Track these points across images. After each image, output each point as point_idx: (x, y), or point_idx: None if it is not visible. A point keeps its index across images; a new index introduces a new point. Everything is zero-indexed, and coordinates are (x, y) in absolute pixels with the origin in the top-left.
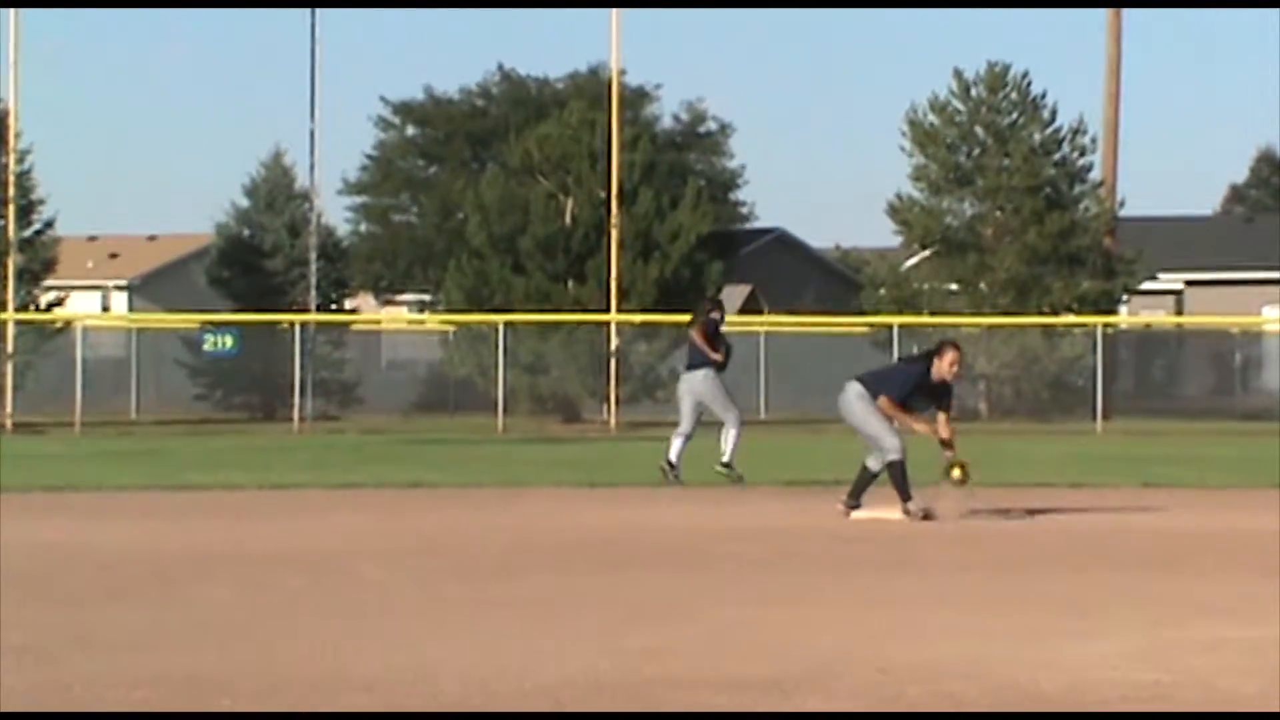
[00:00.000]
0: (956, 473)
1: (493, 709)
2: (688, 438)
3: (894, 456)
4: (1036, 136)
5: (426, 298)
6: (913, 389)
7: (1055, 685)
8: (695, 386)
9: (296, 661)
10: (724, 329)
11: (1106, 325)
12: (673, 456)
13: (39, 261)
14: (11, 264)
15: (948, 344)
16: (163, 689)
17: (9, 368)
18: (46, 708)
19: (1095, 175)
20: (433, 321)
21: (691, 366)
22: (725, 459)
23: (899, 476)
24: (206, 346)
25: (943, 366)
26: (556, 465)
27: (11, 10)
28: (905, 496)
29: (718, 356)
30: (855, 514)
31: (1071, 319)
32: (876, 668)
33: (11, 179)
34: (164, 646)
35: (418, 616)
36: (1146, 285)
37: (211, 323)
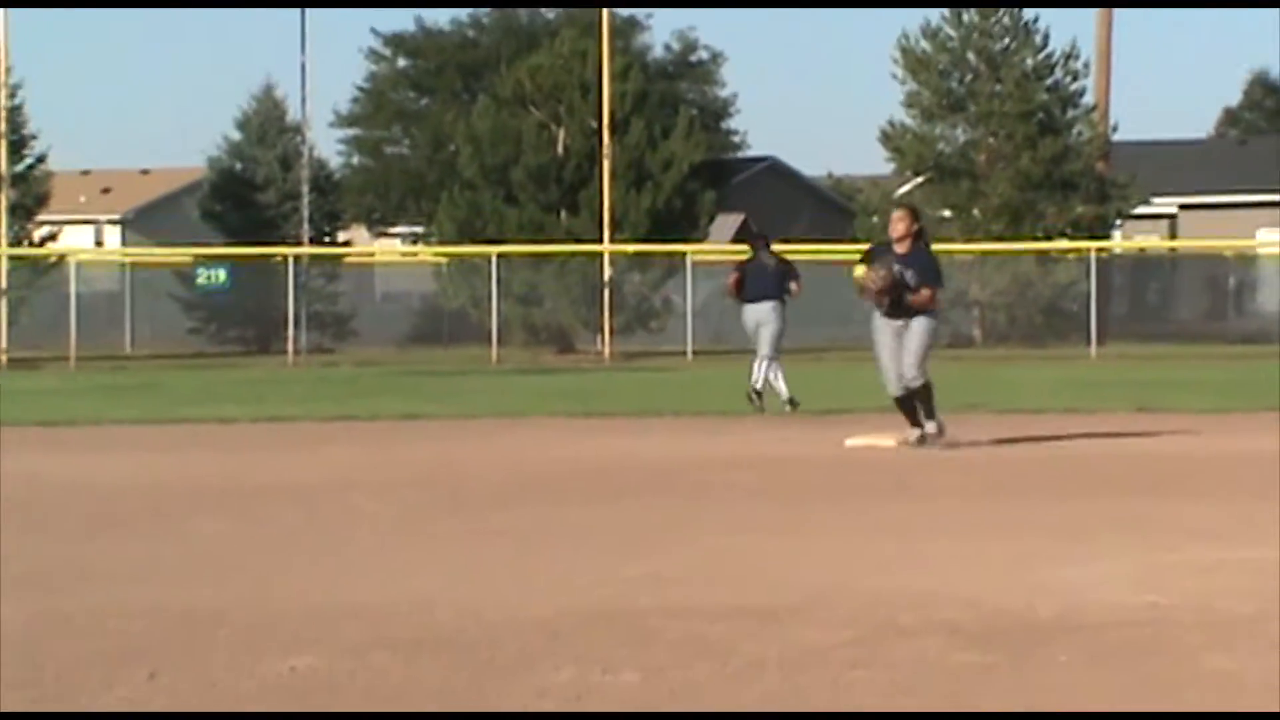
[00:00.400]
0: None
1: (487, 638)
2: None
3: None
4: (1029, 62)
5: (419, 230)
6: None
7: (1050, 610)
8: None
9: (292, 593)
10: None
11: (1100, 250)
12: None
13: (32, 196)
14: (4, 199)
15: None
16: (160, 619)
17: (3, 303)
18: (46, 637)
19: (1088, 100)
20: (426, 254)
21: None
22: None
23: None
24: (200, 281)
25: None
26: (551, 396)
27: None
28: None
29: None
30: (851, 441)
31: (1065, 244)
32: (869, 595)
33: (3, 114)
34: (161, 578)
35: (412, 547)
36: (1140, 210)
37: (205, 257)
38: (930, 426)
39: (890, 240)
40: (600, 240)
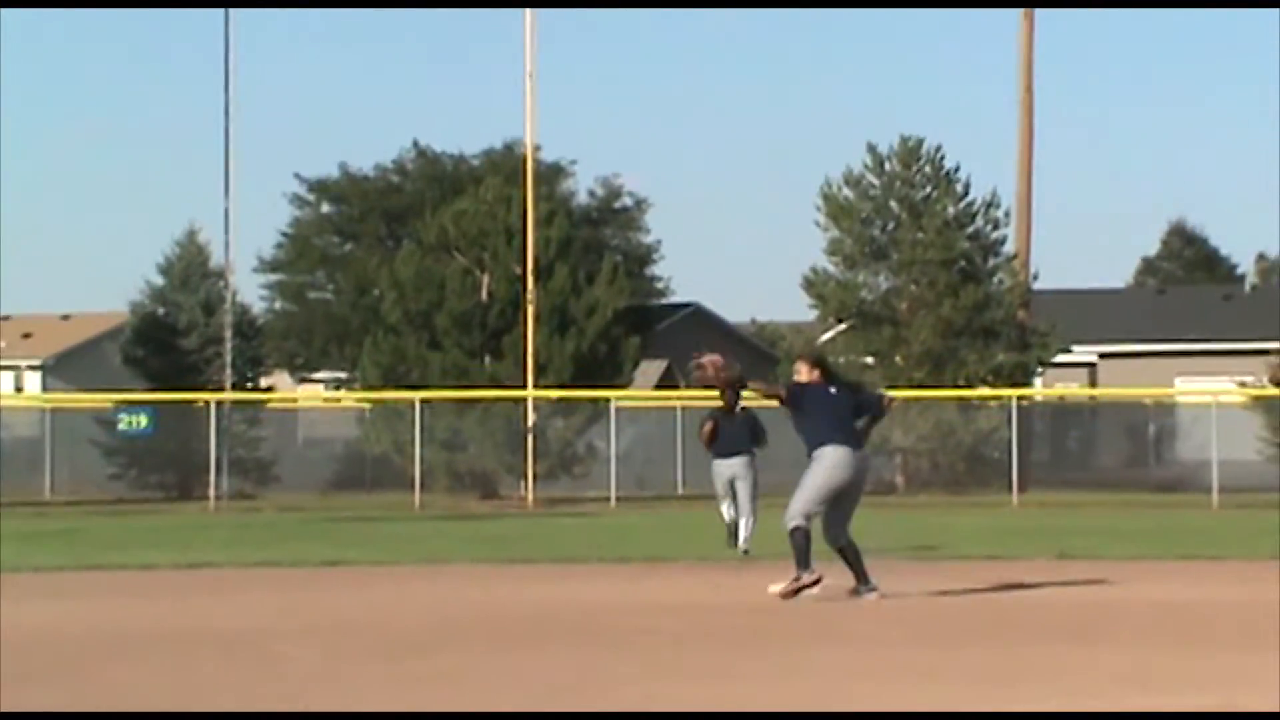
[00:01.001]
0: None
1: None
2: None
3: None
4: (950, 210)
5: (343, 375)
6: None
7: None
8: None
9: None
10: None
11: (1021, 398)
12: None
13: None
14: None
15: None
16: None
17: None
18: None
19: (1009, 248)
20: (349, 399)
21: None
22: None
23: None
24: (121, 426)
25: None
26: (474, 542)
27: None
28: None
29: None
30: (773, 588)
31: (987, 391)
32: None
33: None
34: None
35: (335, 694)
36: (1060, 358)
37: (126, 402)
38: (802, 576)
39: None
40: (524, 385)
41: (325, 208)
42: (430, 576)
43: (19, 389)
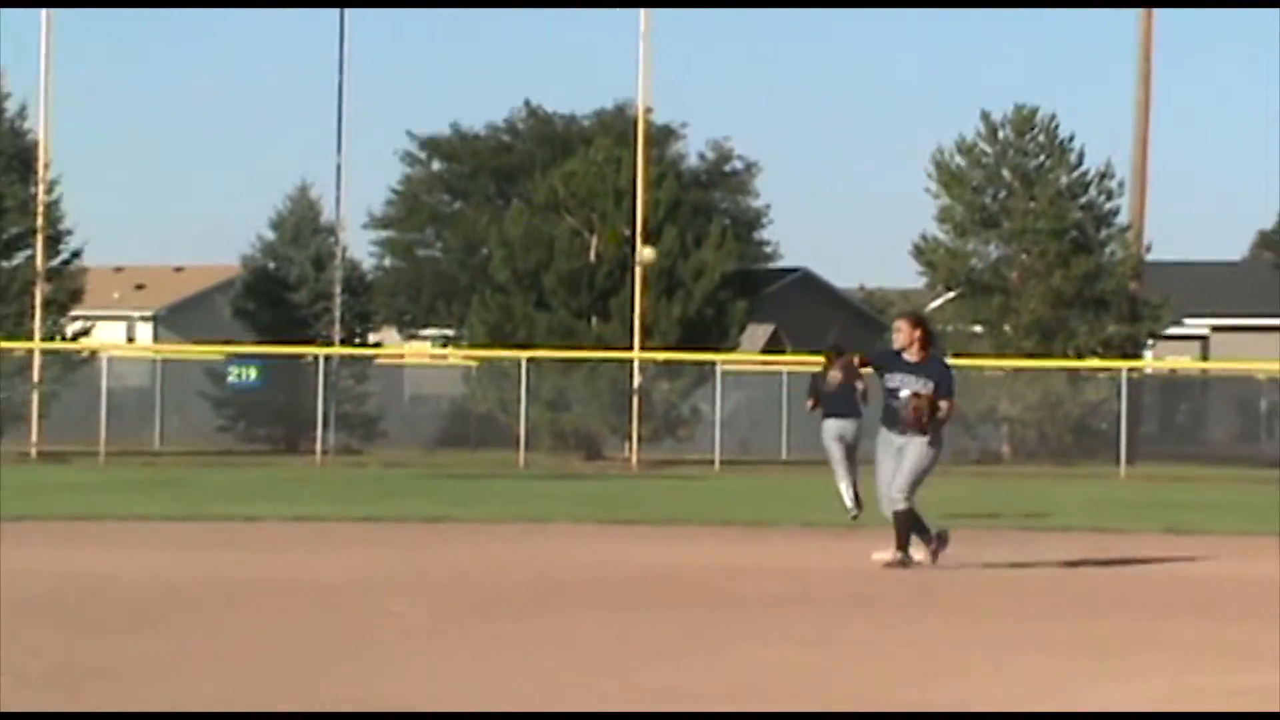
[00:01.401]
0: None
1: None
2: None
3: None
4: (1063, 179)
5: (450, 333)
6: None
7: None
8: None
9: (316, 692)
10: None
11: (1131, 369)
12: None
13: (65, 291)
14: (39, 294)
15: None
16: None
17: (35, 397)
18: None
19: (1122, 219)
20: (456, 356)
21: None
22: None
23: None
24: (231, 378)
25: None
26: (577, 501)
27: (43, 43)
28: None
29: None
30: (877, 555)
31: (1096, 363)
32: (897, 709)
33: (40, 209)
34: (184, 677)
35: (438, 651)
36: (1172, 330)
37: (236, 355)
38: (901, 554)
39: (897, 348)
40: (630, 347)
41: (436, 165)
42: (533, 535)
43: (131, 339)
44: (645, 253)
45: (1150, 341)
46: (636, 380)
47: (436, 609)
